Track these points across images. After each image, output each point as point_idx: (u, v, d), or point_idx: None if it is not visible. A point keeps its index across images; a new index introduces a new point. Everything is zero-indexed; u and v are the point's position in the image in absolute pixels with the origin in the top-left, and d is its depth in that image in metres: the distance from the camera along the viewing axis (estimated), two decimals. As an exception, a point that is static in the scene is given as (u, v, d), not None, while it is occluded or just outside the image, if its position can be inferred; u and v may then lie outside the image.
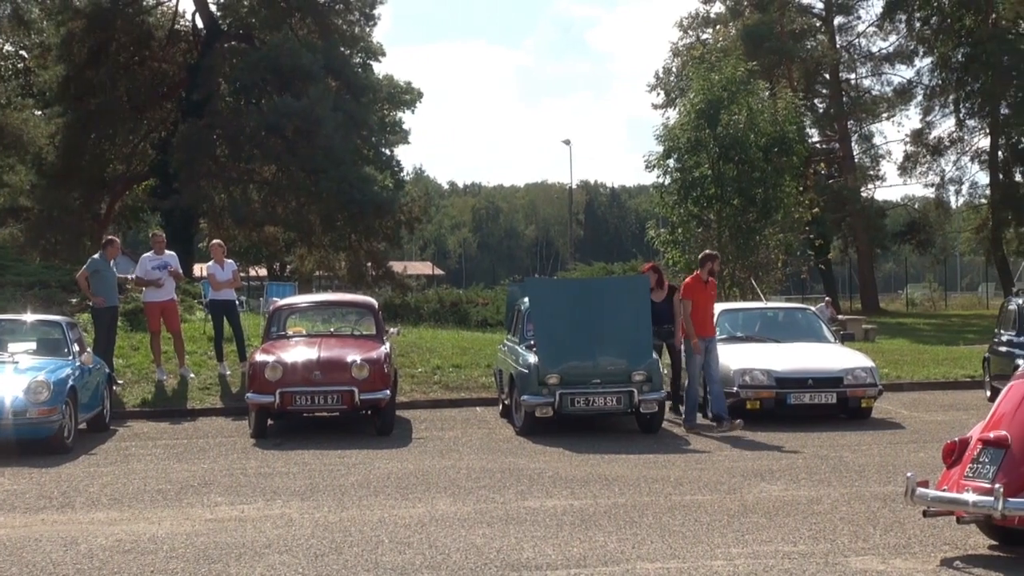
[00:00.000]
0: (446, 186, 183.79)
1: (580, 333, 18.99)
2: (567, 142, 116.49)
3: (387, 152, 65.98)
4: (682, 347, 20.98)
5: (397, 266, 63.66)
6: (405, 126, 72.26)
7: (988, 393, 23.65)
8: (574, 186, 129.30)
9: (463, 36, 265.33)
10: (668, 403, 20.82)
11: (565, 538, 11.31)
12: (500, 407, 21.73)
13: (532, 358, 19.12)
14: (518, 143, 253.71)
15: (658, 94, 72.70)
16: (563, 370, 18.79)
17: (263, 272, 70.83)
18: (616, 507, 12.89)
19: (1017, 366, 16.10)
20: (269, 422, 19.55)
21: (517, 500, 13.42)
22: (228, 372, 23.42)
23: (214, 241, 24.85)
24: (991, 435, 10.53)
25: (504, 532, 11.60)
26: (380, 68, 64.70)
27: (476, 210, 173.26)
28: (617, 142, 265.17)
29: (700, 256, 21.10)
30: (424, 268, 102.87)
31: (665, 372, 20.65)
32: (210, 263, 24.13)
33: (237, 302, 24.25)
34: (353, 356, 19.17)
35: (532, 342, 19.60)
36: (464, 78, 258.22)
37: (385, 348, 19.97)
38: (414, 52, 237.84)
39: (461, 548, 10.93)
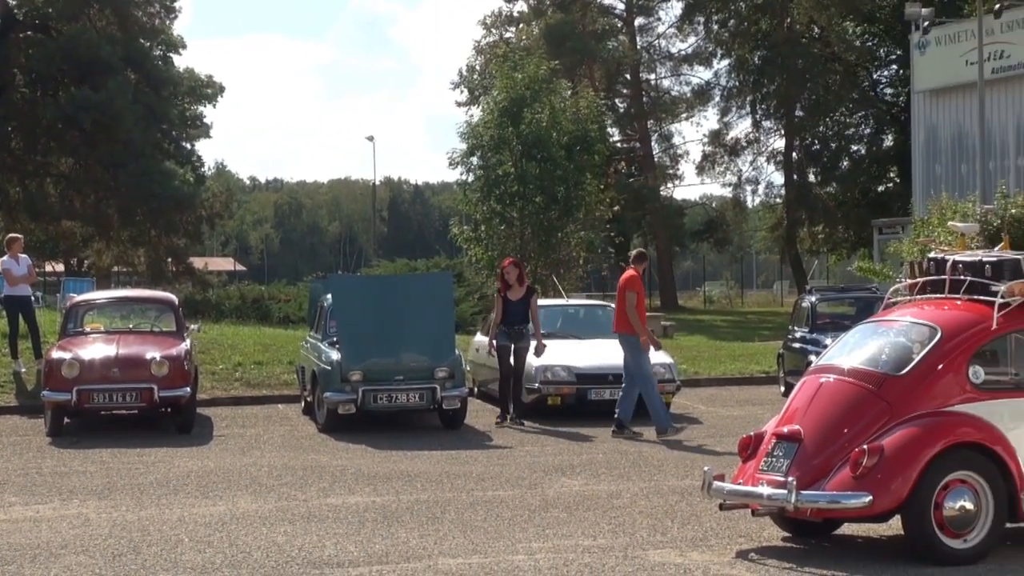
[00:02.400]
0: (248, 181, 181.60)
1: (383, 330, 18.99)
2: (370, 138, 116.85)
3: (188, 146, 64.78)
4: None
5: (198, 262, 62.82)
6: (206, 120, 71.19)
7: (782, 388, 24.17)
8: (378, 183, 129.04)
9: (265, 30, 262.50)
10: (508, 413, 19.98)
11: (367, 535, 11.32)
12: (303, 404, 21.60)
13: (335, 355, 19.06)
14: (321, 139, 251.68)
15: (461, 92, 72.64)
16: (366, 367, 18.78)
17: (60, 267, 69.26)
18: (418, 503, 12.93)
19: (810, 362, 16.51)
20: (66, 420, 19.19)
21: (319, 497, 13.39)
22: (23, 369, 22.90)
23: (13, 235, 24.23)
24: (785, 429, 10.81)
25: (306, 530, 11.56)
26: (181, 61, 63.64)
27: (279, 206, 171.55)
28: (421, 139, 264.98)
29: (635, 253, 19.91)
30: (226, 264, 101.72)
31: (466, 368, 20.69)
32: (4, 258, 23.53)
33: (33, 298, 23.73)
34: (152, 353, 18.92)
35: (335, 339, 19.54)
36: (266, 72, 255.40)
37: (185, 345, 19.74)
38: (215, 45, 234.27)
39: (262, 546, 10.87)
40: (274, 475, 14.93)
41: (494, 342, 20.07)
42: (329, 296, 20.64)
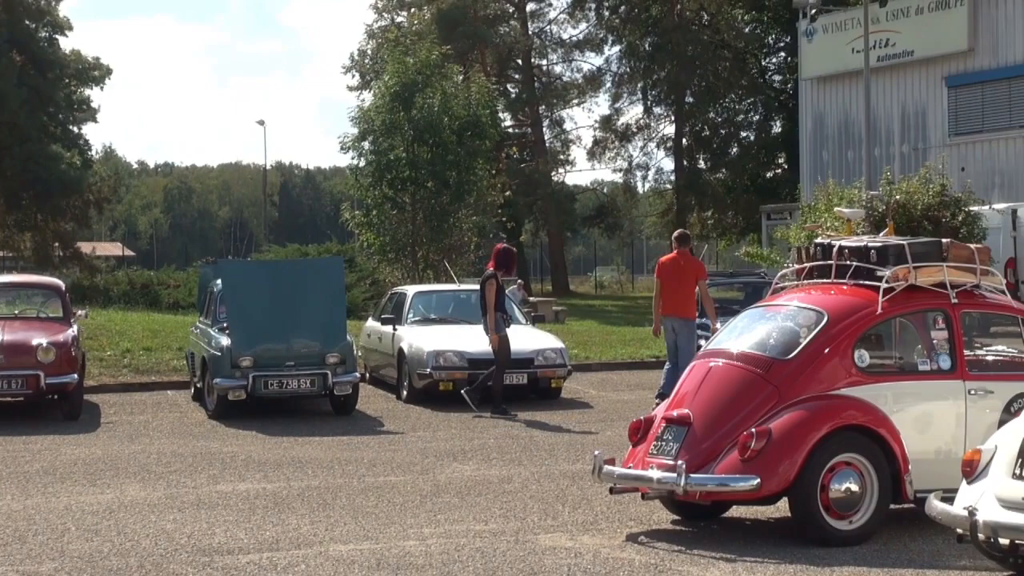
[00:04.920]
0: (136, 165, 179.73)
1: (274, 315, 18.90)
2: (261, 123, 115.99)
3: (75, 130, 63.81)
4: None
5: (85, 247, 62.10)
6: (93, 103, 70.17)
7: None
8: (269, 167, 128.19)
9: (153, 11, 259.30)
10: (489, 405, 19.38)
11: (258, 522, 11.27)
12: (192, 390, 21.46)
13: (225, 340, 18.94)
14: (211, 123, 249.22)
15: (353, 76, 72.31)
16: (256, 352, 18.68)
17: (-58, 253, 68.13)
18: (309, 490, 12.90)
19: (699, 347, 16.64)
20: (-51, 408, 18.91)
21: (209, 484, 13.30)
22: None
23: None
24: (674, 413, 10.90)
25: (195, 517, 11.49)
26: (67, 43, 62.38)
27: (168, 190, 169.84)
28: (312, 123, 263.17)
29: (681, 235, 19.93)
30: (114, 249, 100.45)
31: (358, 354, 20.59)
32: None
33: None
34: (39, 339, 18.69)
35: (225, 324, 19.42)
36: (155, 54, 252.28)
37: (72, 331, 19.52)
38: (103, 27, 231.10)
39: (151, 534, 10.78)
40: (163, 462, 14.82)
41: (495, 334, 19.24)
42: (219, 281, 20.50)
